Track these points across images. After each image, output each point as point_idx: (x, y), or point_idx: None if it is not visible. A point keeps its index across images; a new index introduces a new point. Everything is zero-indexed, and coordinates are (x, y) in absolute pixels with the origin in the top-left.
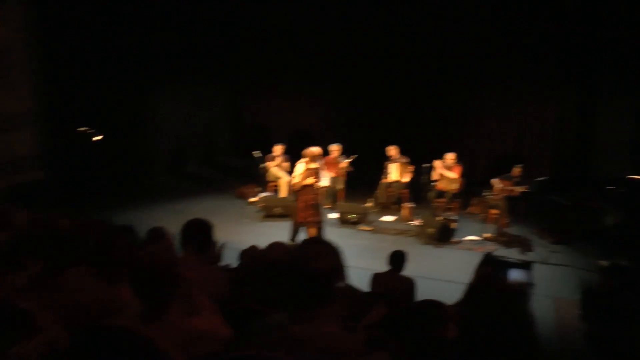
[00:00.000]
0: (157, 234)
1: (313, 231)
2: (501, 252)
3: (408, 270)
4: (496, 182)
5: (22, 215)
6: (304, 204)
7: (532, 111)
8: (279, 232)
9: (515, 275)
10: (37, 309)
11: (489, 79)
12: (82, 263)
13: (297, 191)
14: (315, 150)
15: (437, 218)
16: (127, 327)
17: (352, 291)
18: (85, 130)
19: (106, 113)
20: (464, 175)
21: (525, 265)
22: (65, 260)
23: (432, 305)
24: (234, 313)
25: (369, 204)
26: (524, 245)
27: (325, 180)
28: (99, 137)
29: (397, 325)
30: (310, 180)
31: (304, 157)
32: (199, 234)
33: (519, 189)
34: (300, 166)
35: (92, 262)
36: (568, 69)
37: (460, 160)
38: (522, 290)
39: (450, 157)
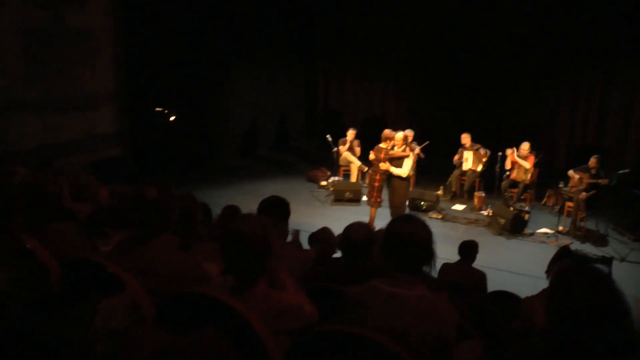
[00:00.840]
0: (232, 212)
1: (374, 212)
2: (577, 247)
3: (478, 260)
4: (572, 174)
5: (105, 189)
6: (370, 185)
7: (615, 100)
8: (348, 216)
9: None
10: (122, 274)
11: (568, 65)
12: (167, 232)
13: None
14: (391, 133)
15: (510, 208)
16: (213, 294)
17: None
18: (162, 110)
19: (183, 94)
20: (539, 165)
21: (604, 261)
22: (152, 228)
23: (507, 297)
24: (314, 291)
25: (440, 192)
26: (602, 240)
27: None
28: (174, 117)
29: (475, 316)
30: (382, 164)
31: (384, 139)
32: (277, 211)
33: (601, 181)
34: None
35: (176, 232)
36: None
37: (537, 149)
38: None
39: (524, 146)
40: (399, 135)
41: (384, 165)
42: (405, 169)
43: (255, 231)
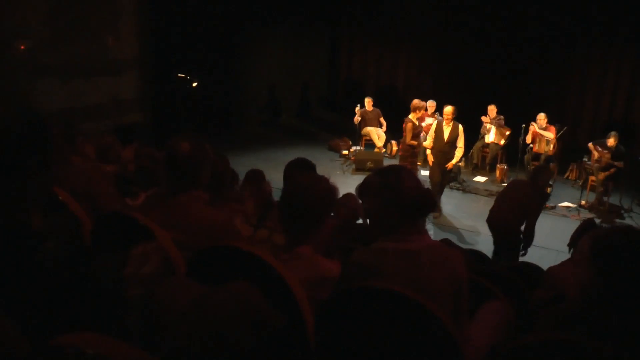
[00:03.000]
0: (258, 176)
1: None
2: (599, 221)
3: None
4: (592, 147)
5: (129, 149)
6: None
7: None
8: None
9: None
10: (153, 226)
11: (598, 38)
12: (198, 188)
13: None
14: (421, 103)
15: None
16: (248, 249)
17: None
18: (184, 76)
19: (206, 61)
20: (562, 138)
21: None
22: (183, 183)
23: (530, 268)
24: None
25: (461, 163)
26: (625, 216)
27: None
28: (197, 84)
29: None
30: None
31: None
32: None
33: (617, 164)
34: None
35: (207, 187)
36: None
37: (561, 122)
38: None
39: (541, 116)
40: (448, 109)
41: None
42: (461, 147)
43: (320, 191)
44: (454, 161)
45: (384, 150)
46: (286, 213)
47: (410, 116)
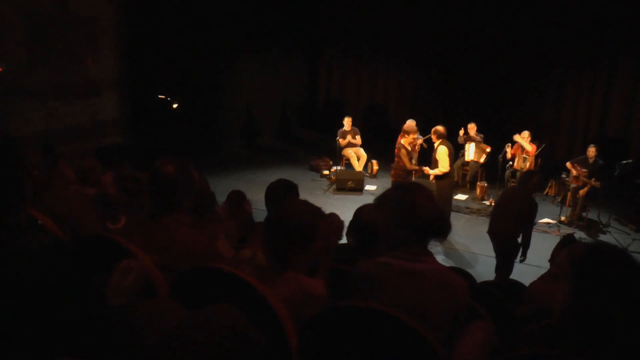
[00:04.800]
0: (239, 197)
1: None
2: (579, 236)
3: (481, 250)
4: (570, 167)
5: (109, 173)
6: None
7: (618, 91)
8: (351, 205)
9: None
10: (135, 249)
11: (572, 56)
12: (180, 210)
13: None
14: (412, 127)
15: None
16: (230, 270)
17: None
18: (164, 97)
19: (185, 82)
20: (542, 155)
21: None
22: (165, 206)
23: (511, 284)
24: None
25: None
26: (604, 231)
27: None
28: (177, 105)
29: (481, 300)
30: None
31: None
32: (286, 194)
33: (594, 184)
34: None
35: (190, 211)
36: None
37: (539, 140)
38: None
39: (524, 135)
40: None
41: (428, 170)
42: (443, 165)
43: (304, 213)
44: (431, 172)
45: (365, 172)
46: (270, 238)
47: (402, 141)
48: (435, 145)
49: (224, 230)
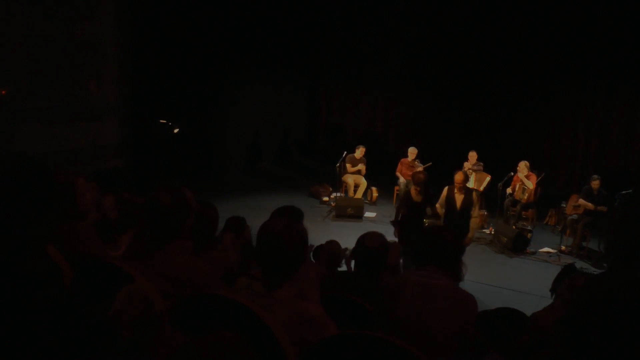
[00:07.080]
0: (239, 223)
1: None
2: (580, 266)
3: (480, 278)
4: (584, 203)
5: (110, 196)
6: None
7: (617, 120)
8: (350, 232)
9: None
10: (137, 276)
11: (570, 86)
12: (181, 237)
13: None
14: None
15: (512, 227)
16: (231, 297)
17: None
18: (166, 122)
19: (187, 107)
20: (541, 184)
21: None
22: (165, 233)
23: (513, 313)
24: (328, 300)
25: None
26: (604, 260)
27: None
28: (178, 130)
29: (484, 330)
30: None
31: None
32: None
33: (600, 208)
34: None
35: (190, 237)
36: None
37: (538, 169)
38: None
39: (522, 165)
40: (458, 176)
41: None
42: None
43: (293, 235)
44: (470, 234)
45: (364, 199)
46: (262, 257)
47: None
48: (462, 192)
49: (225, 257)
